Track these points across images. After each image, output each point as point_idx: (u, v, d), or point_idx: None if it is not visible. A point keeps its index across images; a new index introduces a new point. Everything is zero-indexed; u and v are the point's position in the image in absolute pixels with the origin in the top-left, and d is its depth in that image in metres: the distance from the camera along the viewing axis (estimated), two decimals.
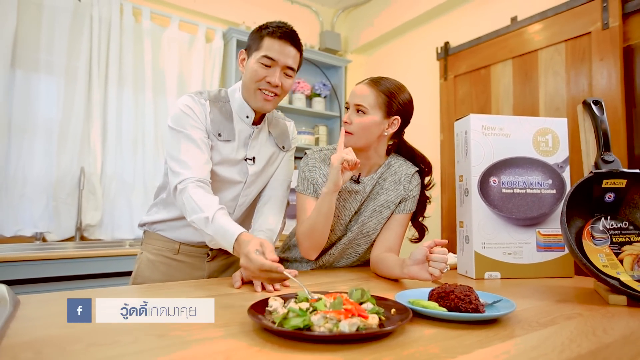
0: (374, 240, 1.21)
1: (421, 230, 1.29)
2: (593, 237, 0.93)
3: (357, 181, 1.18)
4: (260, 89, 1.06)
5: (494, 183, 1.14)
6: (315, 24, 3.31)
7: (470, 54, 2.44)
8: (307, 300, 0.68)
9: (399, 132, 1.20)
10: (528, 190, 1.15)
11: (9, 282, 1.62)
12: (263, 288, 0.93)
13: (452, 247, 2.27)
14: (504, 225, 1.14)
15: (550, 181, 1.16)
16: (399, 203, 1.19)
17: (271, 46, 1.04)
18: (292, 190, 1.25)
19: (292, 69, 1.08)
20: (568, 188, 1.16)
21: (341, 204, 1.18)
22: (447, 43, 2.57)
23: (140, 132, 2.48)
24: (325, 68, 3.34)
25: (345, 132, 1.13)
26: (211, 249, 1.18)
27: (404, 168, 1.21)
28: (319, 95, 3.24)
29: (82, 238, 2.28)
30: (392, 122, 1.14)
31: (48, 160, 2.20)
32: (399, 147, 1.27)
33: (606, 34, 1.82)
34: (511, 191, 1.15)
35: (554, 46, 2.03)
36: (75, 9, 2.29)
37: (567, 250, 1.13)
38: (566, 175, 1.17)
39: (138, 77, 2.50)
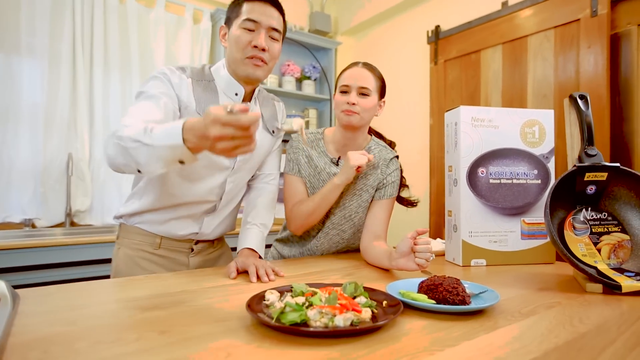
0: (360, 227, 1.28)
1: (409, 204, 1.38)
2: (574, 227, 0.97)
3: (336, 163, 1.27)
4: (248, 57, 1.01)
5: (482, 174, 1.18)
6: (305, 5, 3.25)
7: (460, 39, 2.44)
8: (302, 294, 0.71)
9: None
10: (514, 181, 1.19)
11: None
12: (258, 278, 0.95)
13: (440, 232, 2.33)
14: (491, 214, 1.18)
15: (535, 171, 1.20)
16: (379, 189, 1.25)
17: (251, 9, 1.00)
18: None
19: (277, 30, 1.03)
20: (553, 178, 1.20)
21: (321, 184, 1.26)
22: (437, 27, 2.56)
23: None
24: (314, 50, 3.30)
25: (351, 112, 1.18)
26: (196, 243, 1.16)
27: (383, 153, 1.28)
28: (308, 77, 3.21)
29: (72, 224, 2.28)
30: (381, 104, 1.27)
31: (34, 146, 2.16)
32: None
33: (594, 22, 1.84)
34: (498, 181, 1.18)
35: (544, 32, 2.04)
36: None
37: (549, 238, 1.19)
38: (551, 165, 1.21)
39: (124, 59, 2.44)
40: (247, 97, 1.11)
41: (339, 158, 1.27)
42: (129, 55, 2.45)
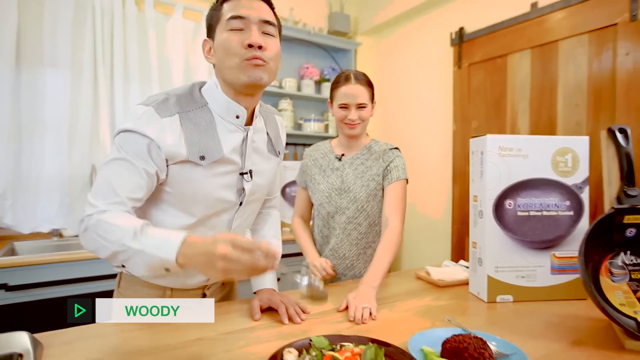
0: (374, 219, 1.38)
1: None
2: (611, 273, 0.91)
3: (339, 159, 1.41)
4: (246, 60, 0.83)
5: (509, 206, 1.12)
6: (323, 5, 3.18)
7: (486, 42, 2.33)
8: (321, 356, 0.69)
9: None
10: (544, 213, 1.13)
11: (28, 286, 1.66)
12: (290, 319, 0.95)
13: (463, 241, 2.25)
14: (518, 248, 1.12)
15: (567, 202, 1.13)
16: (385, 176, 1.36)
17: (234, 6, 0.85)
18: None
19: (270, 23, 0.86)
20: (587, 209, 1.13)
21: (324, 178, 1.41)
22: (462, 28, 2.46)
23: None
24: (334, 52, 3.24)
25: (354, 125, 1.33)
26: (207, 288, 1.08)
27: (382, 147, 1.41)
28: (328, 80, 3.15)
29: None
30: (374, 105, 1.39)
31: (59, 158, 2.20)
32: None
33: (634, 27, 1.72)
34: (527, 214, 1.12)
35: (577, 37, 1.93)
36: (77, 0, 2.22)
37: (585, 289, 1.13)
38: (585, 195, 1.14)
39: (144, 68, 2.45)
40: (249, 118, 0.95)
41: (342, 155, 1.42)
42: (149, 63, 2.46)
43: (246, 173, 0.95)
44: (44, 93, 2.16)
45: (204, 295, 1.08)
